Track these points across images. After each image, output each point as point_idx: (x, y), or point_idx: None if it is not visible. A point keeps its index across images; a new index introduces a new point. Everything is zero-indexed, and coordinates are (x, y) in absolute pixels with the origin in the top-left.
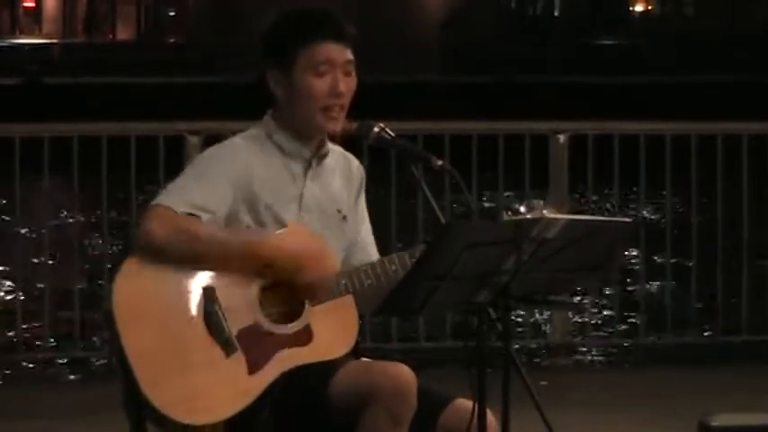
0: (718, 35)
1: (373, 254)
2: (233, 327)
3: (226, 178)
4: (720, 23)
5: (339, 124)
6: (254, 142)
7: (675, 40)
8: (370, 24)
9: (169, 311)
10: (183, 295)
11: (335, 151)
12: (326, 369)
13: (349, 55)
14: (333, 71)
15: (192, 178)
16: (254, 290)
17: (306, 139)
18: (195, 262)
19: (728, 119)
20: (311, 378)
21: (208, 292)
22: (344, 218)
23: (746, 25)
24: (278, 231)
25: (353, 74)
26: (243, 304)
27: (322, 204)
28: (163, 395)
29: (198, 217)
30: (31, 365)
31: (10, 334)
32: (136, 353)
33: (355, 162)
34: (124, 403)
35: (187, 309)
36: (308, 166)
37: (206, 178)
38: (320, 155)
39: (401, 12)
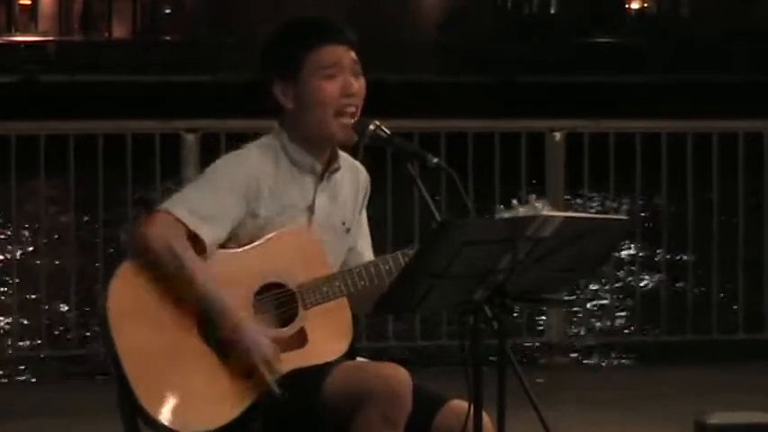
0: (715, 35)
1: (368, 259)
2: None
3: (235, 189)
4: (718, 23)
5: (354, 133)
6: (268, 152)
7: (673, 39)
8: (368, 24)
9: (164, 314)
10: (178, 298)
11: (346, 161)
12: (320, 371)
13: (355, 57)
14: (342, 73)
15: (201, 187)
16: (248, 294)
17: (318, 151)
18: (177, 286)
19: (725, 117)
20: (305, 380)
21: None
22: (348, 230)
23: (744, 25)
24: (278, 234)
25: (362, 76)
26: (237, 308)
27: (329, 218)
28: (156, 400)
29: (200, 237)
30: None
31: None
32: (130, 356)
33: (363, 173)
34: (118, 403)
35: (182, 312)
36: (318, 180)
37: (214, 188)
38: (332, 169)
39: (399, 12)
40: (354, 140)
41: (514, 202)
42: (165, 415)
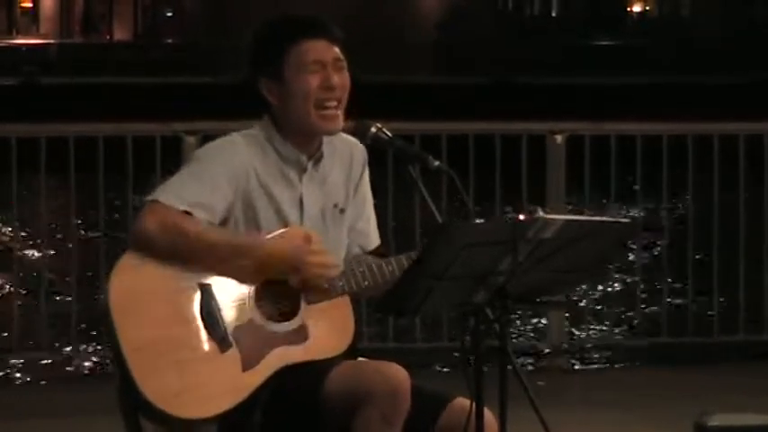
0: (716, 35)
1: (374, 241)
2: (228, 323)
3: (225, 176)
4: (718, 23)
5: (338, 123)
6: (255, 143)
7: (674, 40)
8: (368, 24)
9: (165, 306)
10: (180, 291)
11: (337, 138)
12: (320, 369)
13: (338, 52)
14: (323, 69)
15: (190, 175)
16: (250, 287)
17: (304, 144)
18: (190, 261)
19: (726, 119)
20: (304, 378)
21: (204, 289)
22: (342, 211)
23: (744, 25)
24: (276, 233)
25: (345, 70)
26: (239, 301)
27: (320, 204)
28: (156, 388)
29: (193, 216)
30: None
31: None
32: (130, 346)
33: (359, 147)
34: (118, 397)
35: (183, 304)
36: (303, 171)
37: (205, 175)
38: (316, 157)
39: (399, 12)
40: (336, 132)
41: (521, 217)
42: (166, 403)
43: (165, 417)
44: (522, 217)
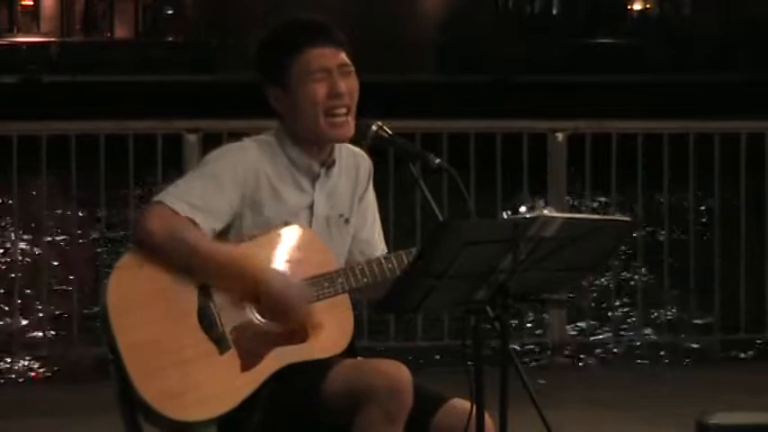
0: (716, 35)
1: (378, 250)
2: (227, 324)
3: (232, 180)
4: (718, 22)
5: (348, 129)
6: (267, 148)
7: (673, 39)
8: (368, 24)
9: (164, 307)
10: (179, 291)
11: (344, 149)
12: (319, 368)
13: (343, 57)
14: (329, 76)
15: (198, 178)
16: None
17: (315, 152)
18: (186, 269)
19: (727, 118)
20: (304, 378)
21: (203, 289)
22: (347, 221)
23: (743, 24)
24: (279, 230)
25: (353, 75)
26: (238, 301)
27: (328, 213)
28: (154, 390)
29: (197, 224)
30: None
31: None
32: (129, 346)
33: (365, 160)
34: (117, 398)
35: (182, 304)
36: (315, 177)
37: (213, 179)
38: (328, 164)
39: (399, 12)
40: (348, 138)
41: (522, 208)
42: (164, 405)
43: (164, 418)
44: (523, 209)
